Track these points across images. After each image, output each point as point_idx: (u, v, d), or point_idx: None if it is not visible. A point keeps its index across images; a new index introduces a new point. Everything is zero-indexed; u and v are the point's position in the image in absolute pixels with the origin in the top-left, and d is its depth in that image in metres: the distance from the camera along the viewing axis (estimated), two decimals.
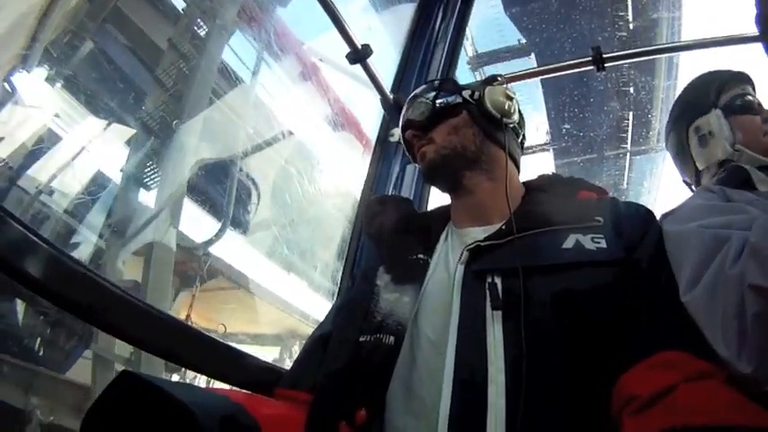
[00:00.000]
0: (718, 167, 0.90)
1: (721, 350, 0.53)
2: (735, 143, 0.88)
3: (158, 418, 0.52)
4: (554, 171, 0.94)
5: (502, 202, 0.75)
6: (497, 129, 0.82)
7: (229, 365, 0.81)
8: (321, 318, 0.89)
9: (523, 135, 0.90)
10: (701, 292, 0.57)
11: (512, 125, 0.84)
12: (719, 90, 0.94)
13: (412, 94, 0.90)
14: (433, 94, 0.86)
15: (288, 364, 0.86)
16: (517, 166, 0.87)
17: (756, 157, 0.85)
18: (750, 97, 0.92)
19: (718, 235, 0.60)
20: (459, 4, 1.73)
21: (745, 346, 0.51)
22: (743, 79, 0.95)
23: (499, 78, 0.87)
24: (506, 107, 0.82)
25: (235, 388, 0.81)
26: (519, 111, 0.86)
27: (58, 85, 2.70)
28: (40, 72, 2.50)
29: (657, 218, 0.74)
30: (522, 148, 0.90)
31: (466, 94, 0.84)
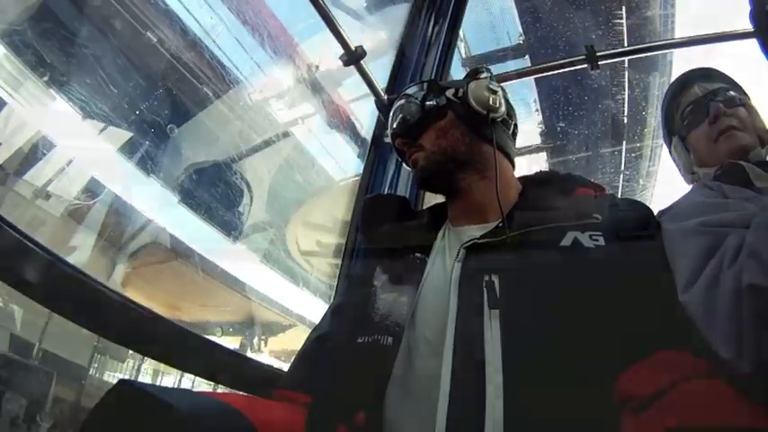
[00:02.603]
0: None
1: (720, 350, 0.52)
2: (692, 165, 0.90)
3: (155, 425, 0.51)
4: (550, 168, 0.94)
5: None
6: (485, 125, 0.80)
7: (228, 368, 0.81)
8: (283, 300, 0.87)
9: (515, 125, 0.88)
10: (698, 291, 0.56)
11: (499, 119, 0.82)
12: (672, 111, 0.95)
13: (397, 100, 0.88)
14: (418, 98, 0.85)
15: (249, 355, 0.85)
16: (511, 160, 0.86)
17: (708, 173, 0.84)
18: (700, 103, 0.89)
19: (716, 233, 0.60)
20: (452, 4, 1.73)
21: (743, 346, 0.50)
22: (697, 78, 0.93)
23: (482, 71, 0.84)
24: (491, 101, 0.80)
25: (234, 390, 0.81)
26: (506, 101, 0.85)
27: None
28: None
29: (655, 214, 0.74)
30: (515, 137, 0.89)
31: (449, 93, 0.83)
